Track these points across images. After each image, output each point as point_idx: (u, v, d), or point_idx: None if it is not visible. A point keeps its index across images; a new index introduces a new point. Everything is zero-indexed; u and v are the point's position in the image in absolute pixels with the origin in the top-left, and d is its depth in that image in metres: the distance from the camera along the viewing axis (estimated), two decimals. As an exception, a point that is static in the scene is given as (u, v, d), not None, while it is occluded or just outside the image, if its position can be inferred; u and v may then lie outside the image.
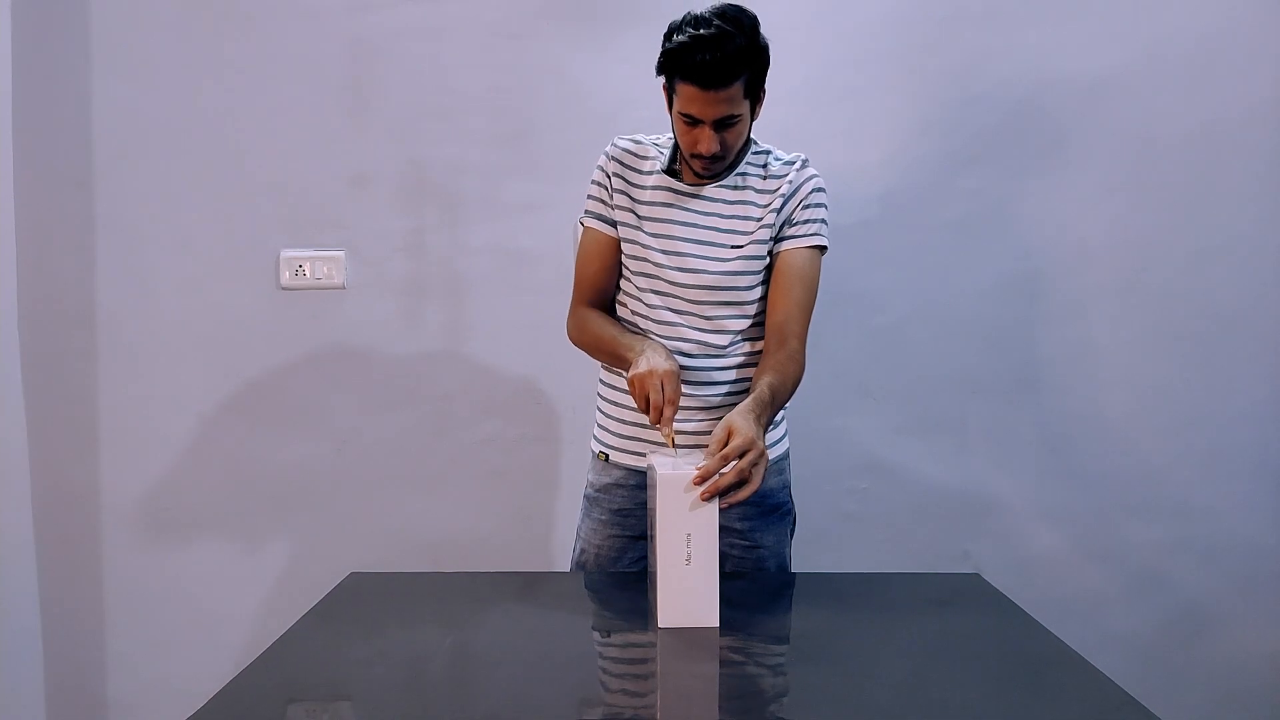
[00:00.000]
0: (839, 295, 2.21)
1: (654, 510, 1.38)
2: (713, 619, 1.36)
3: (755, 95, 1.57)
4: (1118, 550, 2.28)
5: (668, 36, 1.53)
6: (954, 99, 2.23)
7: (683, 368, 1.63)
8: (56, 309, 2.28)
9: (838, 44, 2.23)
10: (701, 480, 1.34)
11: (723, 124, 1.54)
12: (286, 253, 2.28)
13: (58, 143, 2.26)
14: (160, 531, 2.31)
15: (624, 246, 1.70)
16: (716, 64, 1.47)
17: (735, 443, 1.36)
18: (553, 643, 1.40)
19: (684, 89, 1.52)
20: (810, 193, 1.65)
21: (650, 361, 1.52)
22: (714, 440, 1.40)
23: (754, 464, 1.37)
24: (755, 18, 1.54)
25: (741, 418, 1.42)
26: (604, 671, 1.35)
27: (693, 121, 1.55)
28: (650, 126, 1.76)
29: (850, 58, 2.23)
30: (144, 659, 2.32)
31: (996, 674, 1.30)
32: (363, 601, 1.56)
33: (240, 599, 2.31)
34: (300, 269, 2.28)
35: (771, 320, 1.66)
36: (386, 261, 2.28)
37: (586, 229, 1.74)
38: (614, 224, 1.70)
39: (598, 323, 1.69)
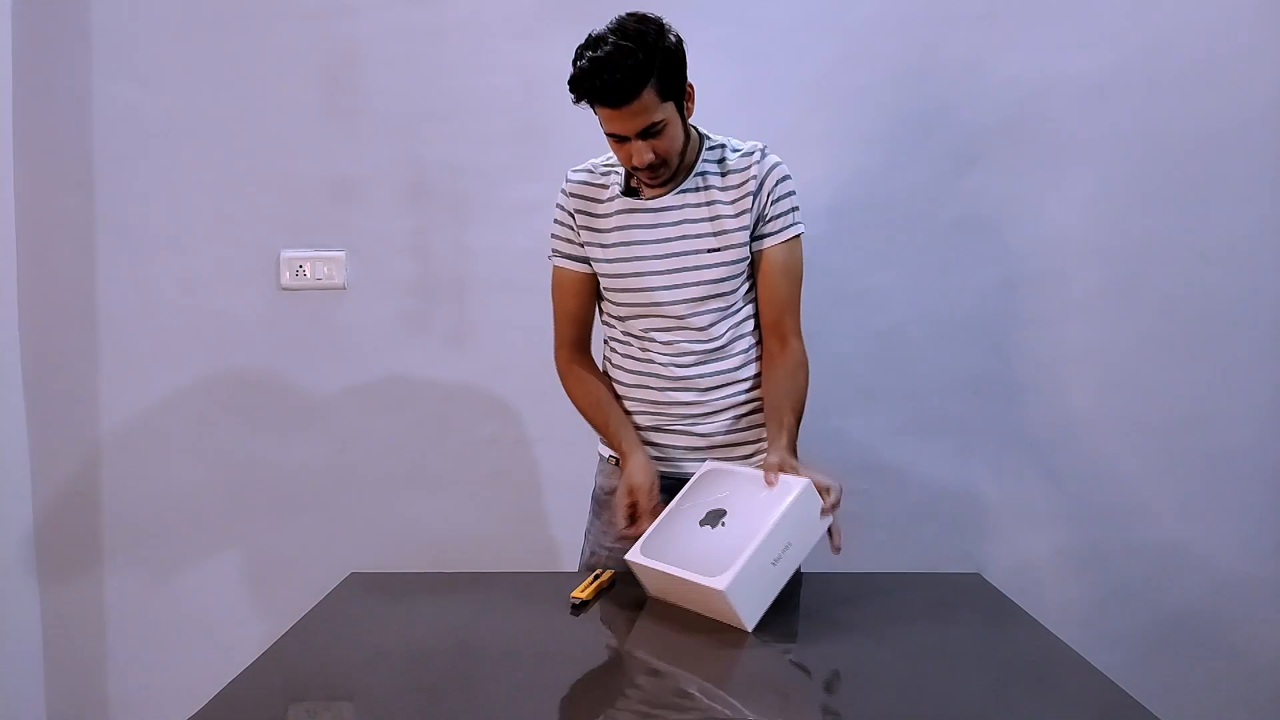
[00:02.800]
0: (839, 296, 2.22)
1: (767, 507, 1.42)
2: (750, 623, 1.37)
3: (677, 95, 1.56)
4: (1118, 550, 2.28)
5: (573, 62, 1.52)
6: (954, 99, 2.23)
7: (689, 379, 1.67)
8: (56, 309, 2.28)
9: (838, 44, 2.23)
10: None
11: (647, 133, 1.54)
12: (286, 253, 2.28)
13: (58, 143, 2.26)
14: (160, 531, 2.31)
15: (603, 280, 1.71)
16: (618, 82, 1.47)
17: (833, 498, 1.46)
18: (553, 643, 1.40)
19: (600, 110, 1.54)
20: (777, 184, 1.65)
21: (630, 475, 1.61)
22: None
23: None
24: (657, 22, 1.53)
25: (793, 465, 1.52)
26: (605, 672, 1.35)
27: (619, 139, 1.56)
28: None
29: (850, 58, 2.23)
30: (144, 659, 2.32)
31: (996, 674, 1.30)
32: (363, 601, 1.56)
33: (241, 599, 2.31)
34: (300, 269, 2.28)
35: (766, 318, 1.69)
36: (387, 262, 2.28)
37: (556, 267, 1.76)
38: (584, 260, 1.72)
39: (593, 397, 1.74)
